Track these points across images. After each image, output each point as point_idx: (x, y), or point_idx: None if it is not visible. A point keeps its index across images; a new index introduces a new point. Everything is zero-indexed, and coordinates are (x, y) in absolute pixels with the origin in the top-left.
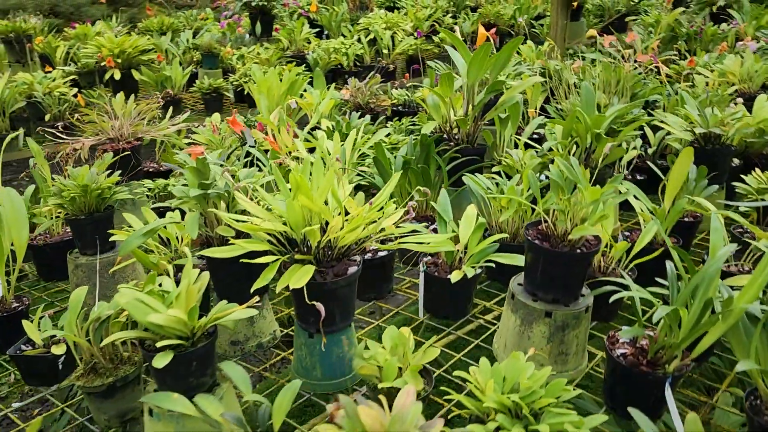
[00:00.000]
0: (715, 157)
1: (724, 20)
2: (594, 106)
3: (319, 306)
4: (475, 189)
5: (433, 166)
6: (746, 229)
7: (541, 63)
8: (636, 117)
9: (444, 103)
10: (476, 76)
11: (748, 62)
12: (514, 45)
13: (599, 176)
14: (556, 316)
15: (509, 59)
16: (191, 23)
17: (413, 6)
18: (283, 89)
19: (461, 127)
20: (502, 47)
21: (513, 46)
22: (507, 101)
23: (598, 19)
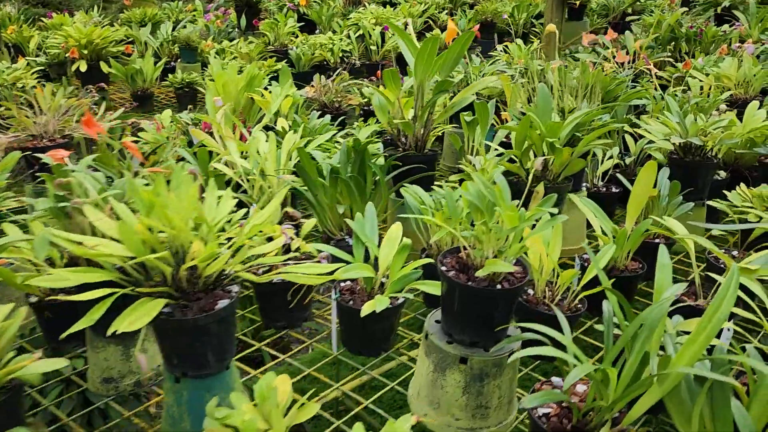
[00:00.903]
0: (695, 171)
1: (728, 21)
2: (550, 112)
3: (140, 359)
4: (412, 203)
5: (370, 176)
6: (724, 252)
7: (519, 61)
8: (605, 123)
9: (391, 104)
10: (424, 75)
11: (746, 66)
12: (466, 40)
13: (557, 191)
14: (472, 363)
15: (461, 56)
16: (177, 15)
17: (407, 1)
18: (241, 85)
19: (406, 131)
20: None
21: (464, 41)
22: (459, 103)
23: (603, 18)
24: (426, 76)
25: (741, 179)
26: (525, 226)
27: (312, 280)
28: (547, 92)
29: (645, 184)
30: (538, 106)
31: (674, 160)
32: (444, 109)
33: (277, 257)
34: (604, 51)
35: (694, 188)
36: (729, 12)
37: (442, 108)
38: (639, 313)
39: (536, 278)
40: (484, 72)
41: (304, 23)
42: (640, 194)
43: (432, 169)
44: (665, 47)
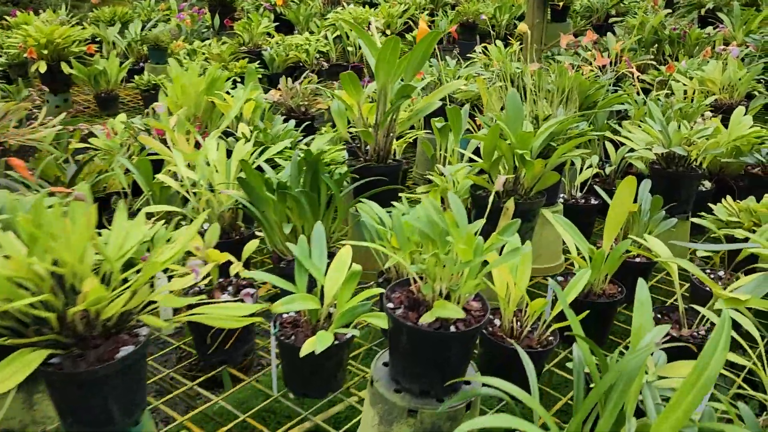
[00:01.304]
0: (679, 182)
1: (712, 23)
2: (522, 120)
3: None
4: (368, 222)
5: (324, 191)
6: (710, 273)
7: (495, 64)
8: (582, 132)
9: (351, 110)
10: (387, 78)
11: (730, 69)
12: (431, 40)
13: (529, 206)
14: (423, 417)
15: (426, 57)
16: (149, 14)
17: (387, 2)
18: (201, 88)
19: (365, 140)
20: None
21: (429, 42)
22: (424, 109)
23: (586, 20)
24: (389, 79)
25: (727, 190)
26: (479, 261)
27: (230, 323)
28: (517, 99)
29: (623, 202)
30: (508, 114)
31: (656, 170)
32: (408, 118)
33: (181, 300)
34: (584, 53)
35: (678, 201)
36: (713, 14)
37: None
38: (618, 353)
39: (503, 308)
40: (459, 75)
41: (281, 23)
42: (618, 212)
43: (395, 182)
44: (648, 49)
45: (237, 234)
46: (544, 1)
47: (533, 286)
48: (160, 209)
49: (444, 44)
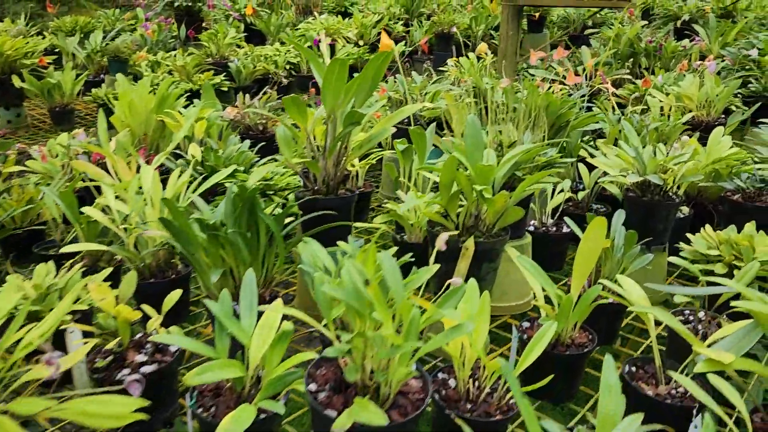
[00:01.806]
0: (655, 211)
1: (689, 36)
2: (482, 149)
3: None
4: (308, 266)
5: (264, 229)
6: (689, 315)
7: (462, 80)
8: (550, 161)
9: (298, 136)
10: (335, 102)
11: (707, 85)
12: (382, 61)
13: (491, 245)
14: None
15: (378, 79)
16: (114, 23)
17: (361, 11)
18: (151, 105)
19: (312, 170)
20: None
21: (380, 63)
22: (377, 136)
23: (563, 31)
24: (337, 104)
25: (705, 215)
26: (411, 347)
27: (106, 422)
28: (477, 125)
29: (591, 247)
30: (466, 143)
31: (631, 198)
32: (358, 146)
33: (36, 401)
34: (558, 67)
35: (655, 231)
36: (689, 26)
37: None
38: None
39: (457, 369)
40: (426, 91)
41: (252, 34)
42: (586, 257)
43: (347, 215)
44: (624, 62)
45: (173, 273)
46: (518, 13)
47: (500, 326)
48: (81, 248)
49: (419, 55)
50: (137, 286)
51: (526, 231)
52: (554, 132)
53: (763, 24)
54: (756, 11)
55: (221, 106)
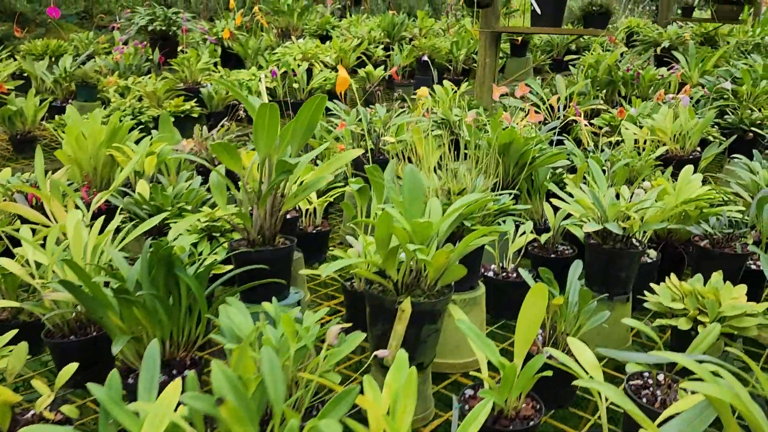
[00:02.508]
0: (617, 260)
1: (668, 63)
2: (421, 201)
3: None
4: (220, 337)
5: (185, 290)
6: (648, 378)
7: (425, 113)
8: (504, 208)
9: (231, 182)
10: (267, 150)
11: (681, 118)
12: (317, 105)
13: (430, 307)
14: None
15: (315, 123)
16: (87, 47)
17: (339, 36)
18: (100, 139)
19: (242, 221)
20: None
21: (315, 107)
22: (313, 184)
23: (547, 55)
24: (270, 151)
25: (675, 258)
26: None
27: None
28: (416, 176)
29: (532, 313)
30: (404, 194)
31: (592, 246)
32: (294, 195)
33: None
34: (534, 97)
35: (617, 279)
36: (669, 53)
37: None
38: None
39: None
40: (390, 125)
41: (229, 58)
42: (528, 324)
43: (284, 268)
44: (603, 90)
45: (95, 330)
46: (497, 40)
47: (449, 385)
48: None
49: (400, 80)
50: (55, 345)
51: (484, 277)
52: (519, 169)
53: (744, 51)
54: (738, 36)
55: (180, 138)
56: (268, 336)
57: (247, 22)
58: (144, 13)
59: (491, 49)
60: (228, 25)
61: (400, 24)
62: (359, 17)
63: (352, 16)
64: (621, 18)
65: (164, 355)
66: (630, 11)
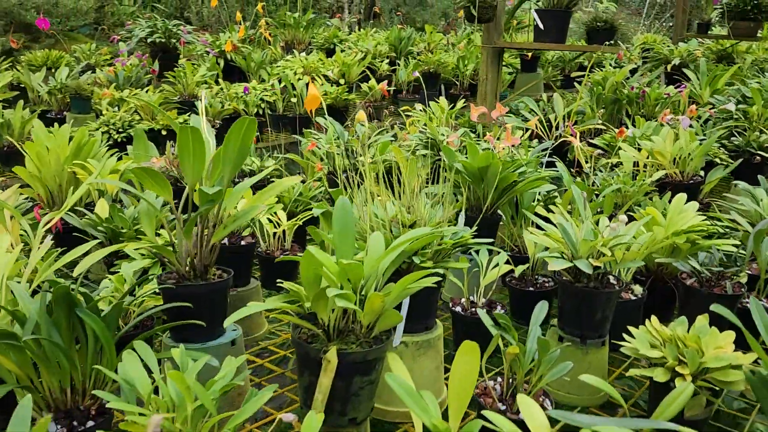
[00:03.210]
0: (591, 300)
1: (679, 81)
2: (352, 238)
3: None
4: (125, 389)
5: (90, 333)
6: None
7: (405, 134)
8: (461, 241)
9: (160, 212)
10: (195, 179)
11: (682, 140)
12: (246, 128)
13: (361, 357)
14: None
15: (246, 148)
16: (88, 58)
17: (346, 50)
18: (64, 155)
19: (162, 253)
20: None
21: (244, 130)
22: (245, 214)
23: (558, 71)
24: (198, 177)
25: (665, 294)
26: None
27: None
28: (347, 208)
29: (463, 372)
30: (334, 230)
31: (564, 284)
32: (223, 226)
33: None
34: (530, 115)
35: (591, 321)
36: (680, 70)
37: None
38: None
39: None
40: (371, 142)
41: (233, 71)
42: (460, 385)
43: (217, 306)
44: (608, 109)
45: None
46: (499, 55)
47: None
48: None
49: (404, 95)
50: None
51: (451, 312)
52: (499, 194)
53: (761, 69)
54: (757, 53)
55: (156, 155)
56: (167, 392)
57: (251, 35)
58: (144, 25)
59: (493, 65)
60: (231, 37)
61: (407, 38)
62: (368, 31)
63: (361, 31)
64: (637, 34)
65: (66, 404)
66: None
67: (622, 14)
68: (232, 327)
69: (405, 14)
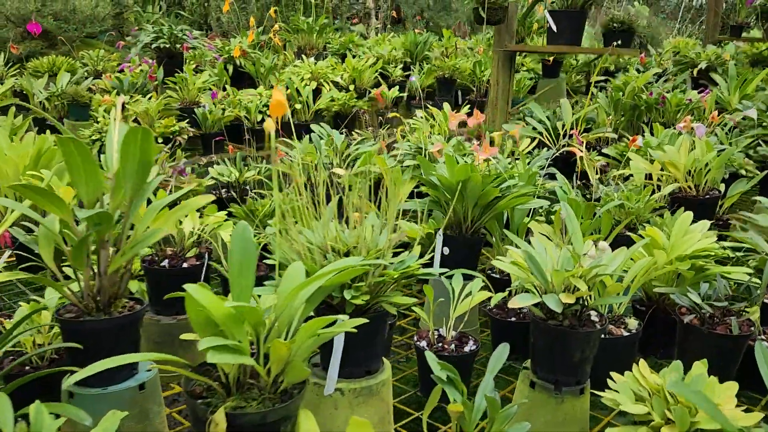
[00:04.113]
0: (566, 340)
1: (705, 86)
2: (252, 272)
3: None
4: None
5: None
6: None
7: (381, 143)
8: (408, 272)
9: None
10: (89, 194)
11: (697, 150)
12: (142, 139)
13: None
14: None
15: (146, 162)
16: (96, 64)
17: (355, 56)
18: (23, 164)
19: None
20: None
21: (141, 142)
22: (143, 239)
23: (582, 75)
24: (94, 196)
25: (667, 328)
26: None
27: None
28: (245, 235)
29: None
30: (231, 262)
31: (535, 321)
32: (121, 252)
33: None
34: (537, 124)
35: (568, 364)
36: (706, 74)
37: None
38: None
39: None
40: (349, 154)
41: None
42: None
43: (124, 342)
44: (627, 116)
45: None
46: (510, 59)
47: None
48: None
49: (417, 101)
50: None
51: (416, 349)
52: (480, 211)
53: None
54: None
55: None
56: None
57: (262, 41)
58: (150, 31)
59: (505, 69)
60: (242, 43)
61: (423, 43)
62: (385, 36)
63: (378, 35)
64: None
65: None
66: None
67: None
68: (146, 366)
69: (429, 19)
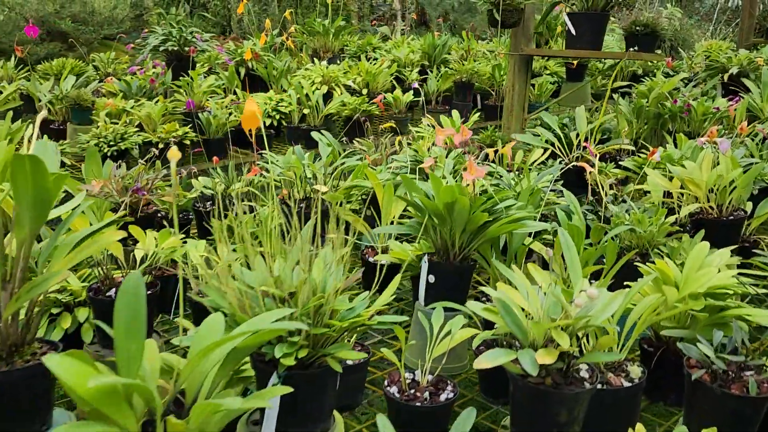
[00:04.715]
0: (549, 401)
1: (736, 92)
2: (142, 336)
3: None
4: None
5: None
6: None
7: (367, 156)
8: (356, 321)
9: None
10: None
11: (721, 167)
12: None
13: None
14: None
15: (45, 192)
16: (106, 67)
17: (369, 59)
18: None
19: None
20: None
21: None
22: (43, 282)
23: (608, 79)
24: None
25: (675, 368)
26: None
27: None
28: (138, 293)
29: None
30: (116, 323)
31: (514, 379)
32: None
33: None
34: (549, 134)
35: (552, 427)
36: (738, 80)
37: None
38: None
39: None
40: (339, 166)
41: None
42: None
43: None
44: (650, 125)
45: None
46: (527, 64)
47: None
48: None
49: (433, 105)
50: None
51: (386, 396)
52: (470, 236)
53: None
54: None
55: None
56: None
57: (276, 43)
58: (159, 33)
59: (521, 74)
60: (254, 45)
61: (441, 46)
62: (404, 38)
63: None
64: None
65: None
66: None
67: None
68: (66, 416)
69: (454, 21)
